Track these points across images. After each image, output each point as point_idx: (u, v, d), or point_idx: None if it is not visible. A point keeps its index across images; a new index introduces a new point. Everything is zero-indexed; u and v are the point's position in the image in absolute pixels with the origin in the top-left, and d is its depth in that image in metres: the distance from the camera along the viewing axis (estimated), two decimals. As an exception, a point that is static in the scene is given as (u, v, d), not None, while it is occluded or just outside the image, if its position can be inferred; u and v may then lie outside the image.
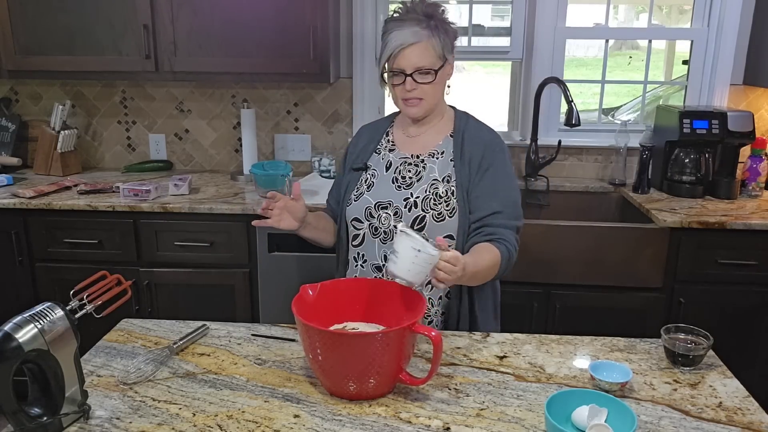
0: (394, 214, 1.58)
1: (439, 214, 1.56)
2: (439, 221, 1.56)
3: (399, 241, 1.25)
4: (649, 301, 2.37)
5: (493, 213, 1.55)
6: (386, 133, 1.73)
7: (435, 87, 1.58)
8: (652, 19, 3.06)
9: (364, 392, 1.19)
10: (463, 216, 1.56)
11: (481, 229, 1.56)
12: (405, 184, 1.61)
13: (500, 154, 1.62)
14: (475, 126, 1.67)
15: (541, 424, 1.13)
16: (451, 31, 1.60)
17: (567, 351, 1.40)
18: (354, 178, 1.69)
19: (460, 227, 1.56)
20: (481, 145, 1.61)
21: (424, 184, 1.59)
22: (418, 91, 1.57)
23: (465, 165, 1.59)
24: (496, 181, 1.59)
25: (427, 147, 1.65)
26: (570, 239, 2.33)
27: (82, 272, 1.59)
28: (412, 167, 1.63)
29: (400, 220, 1.58)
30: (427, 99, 1.59)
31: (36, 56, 2.65)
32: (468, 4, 2.91)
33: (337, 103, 2.97)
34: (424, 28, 1.53)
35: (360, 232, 1.64)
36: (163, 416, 1.15)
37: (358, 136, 1.80)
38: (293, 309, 1.21)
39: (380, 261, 1.62)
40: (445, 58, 1.58)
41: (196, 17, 2.56)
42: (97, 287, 1.19)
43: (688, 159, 2.62)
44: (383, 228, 1.60)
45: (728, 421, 1.15)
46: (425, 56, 1.54)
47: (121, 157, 3.11)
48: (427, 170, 1.61)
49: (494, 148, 1.61)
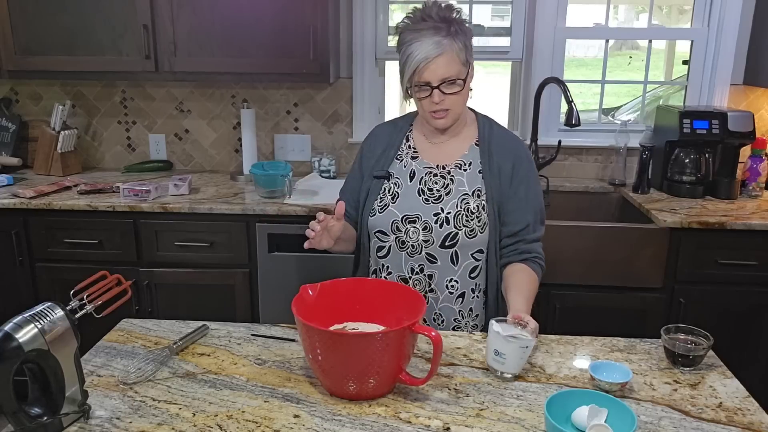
0: (423, 229, 1.56)
1: (471, 230, 1.53)
2: (471, 237, 1.54)
3: (504, 344, 1.24)
4: (649, 301, 2.37)
5: (526, 226, 1.56)
6: (407, 138, 1.67)
7: (463, 96, 1.54)
8: (652, 19, 3.06)
9: (364, 392, 1.19)
10: (493, 230, 1.55)
11: (516, 246, 1.57)
12: (433, 198, 1.57)
13: (528, 163, 1.61)
14: (500, 134, 1.62)
15: (541, 425, 1.13)
16: (469, 32, 1.53)
17: (567, 351, 1.40)
18: (375, 187, 1.63)
19: (491, 241, 1.56)
20: (510, 156, 1.58)
21: (454, 198, 1.55)
22: (445, 102, 1.52)
23: (495, 177, 1.56)
24: (528, 192, 1.58)
25: (452, 156, 1.60)
26: (570, 239, 2.33)
27: (82, 272, 1.58)
28: (439, 179, 1.58)
29: (431, 235, 1.54)
30: (455, 109, 1.54)
31: (36, 56, 2.65)
32: (468, 4, 2.91)
33: (337, 103, 2.97)
34: (445, 37, 1.46)
35: (385, 245, 1.61)
36: (163, 416, 1.15)
37: (374, 137, 1.72)
38: (293, 309, 1.21)
39: (406, 273, 1.60)
40: (469, 63, 1.52)
41: (196, 17, 2.56)
42: (97, 287, 1.19)
43: (688, 159, 2.61)
44: (411, 242, 1.57)
45: (728, 422, 1.15)
46: (451, 66, 1.48)
47: (121, 157, 3.11)
48: (455, 183, 1.57)
49: (522, 158, 1.59)
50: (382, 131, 1.72)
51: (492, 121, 1.66)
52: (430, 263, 1.58)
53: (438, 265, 1.58)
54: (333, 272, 2.49)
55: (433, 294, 1.60)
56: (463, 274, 1.58)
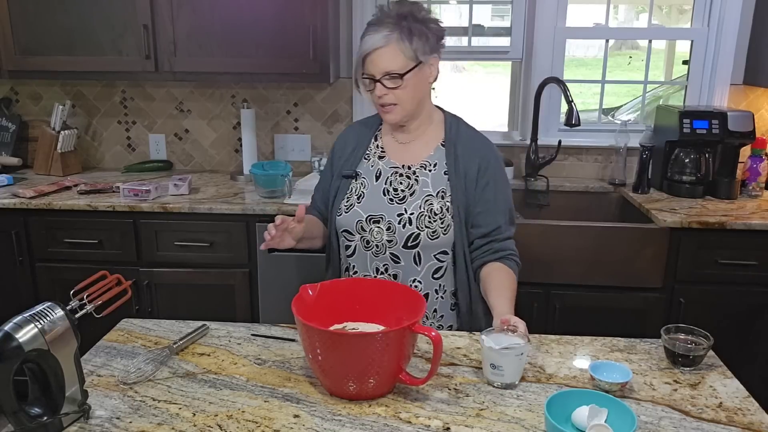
0: (387, 229, 1.56)
1: (434, 232, 1.54)
2: (433, 239, 1.54)
3: (500, 357, 1.23)
4: (649, 301, 2.37)
5: (497, 227, 1.56)
6: (375, 137, 1.68)
7: (408, 91, 1.52)
8: (652, 19, 3.06)
9: (363, 392, 1.19)
10: (458, 231, 1.55)
11: (489, 245, 1.56)
12: (398, 198, 1.58)
13: (496, 163, 1.60)
14: (467, 135, 1.62)
15: (541, 424, 1.13)
16: (433, 31, 1.52)
17: (567, 351, 1.40)
18: (344, 186, 1.65)
19: (457, 243, 1.56)
20: (476, 158, 1.57)
21: (418, 199, 1.56)
22: (390, 96, 1.52)
23: (460, 179, 1.56)
24: (497, 193, 1.57)
25: (418, 157, 1.61)
26: (570, 239, 2.33)
27: (82, 272, 1.58)
28: (404, 179, 1.59)
29: (394, 235, 1.54)
30: (402, 104, 1.54)
31: (36, 56, 2.65)
32: (468, 4, 2.91)
33: (336, 103, 2.97)
34: (394, 31, 1.48)
35: (351, 244, 1.62)
36: (163, 416, 1.15)
37: (345, 137, 1.74)
38: (293, 309, 1.21)
39: (372, 273, 1.61)
40: (419, 60, 1.51)
41: (196, 17, 2.56)
42: (97, 287, 1.19)
43: (688, 159, 2.61)
44: (375, 242, 1.58)
45: (728, 422, 1.15)
46: (394, 60, 1.49)
47: (121, 157, 3.11)
48: (420, 183, 1.58)
49: (490, 159, 1.58)
50: (352, 130, 1.74)
51: (460, 122, 1.66)
52: (394, 263, 1.59)
53: (402, 265, 1.58)
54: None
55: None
56: (426, 275, 1.59)
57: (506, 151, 2.96)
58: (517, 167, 2.92)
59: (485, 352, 1.25)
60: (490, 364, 1.24)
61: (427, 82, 1.56)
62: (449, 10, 6.54)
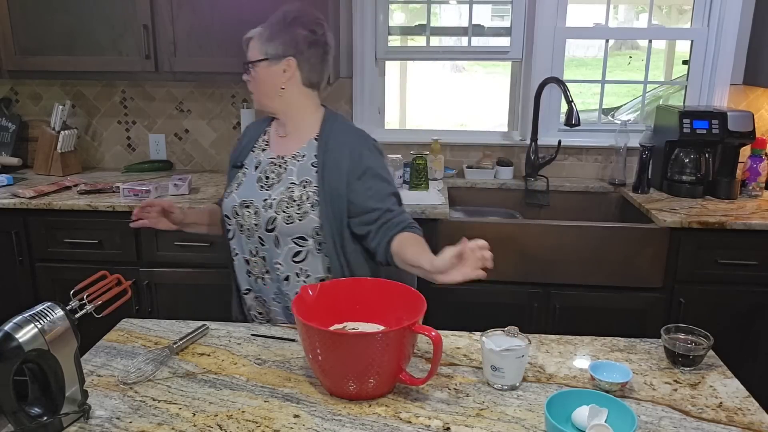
0: (255, 214, 1.64)
1: (289, 217, 1.60)
2: (288, 224, 1.60)
3: (500, 359, 1.23)
4: (649, 301, 2.37)
5: (387, 210, 1.60)
6: (264, 132, 1.77)
7: (258, 84, 1.65)
8: (652, 19, 3.06)
9: (364, 392, 1.19)
10: (325, 219, 1.59)
11: (385, 225, 1.60)
12: (267, 185, 1.66)
13: (369, 153, 1.64)
14: (341, 130, 1.68)
15: (541, 424, 1.13)
16: (301, 34, 1.61)
17: (567, 351, 1.40)
18: (232, 175, 1.76)
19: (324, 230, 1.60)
20: (346, 151, 1.62)
21: (282, 186, 1.64)
22: (250, 84, 1.66)
23: (330, 170, 1.61)
24: (376, 182, 1.62)
25: (292, 149, 1.68)
26: (570, 239, 2.34)
27: (82, 272, 1.58)
28: (276, 168, 1.67)
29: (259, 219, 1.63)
30: (255, 93, 1.67)
31: (36, 56, 2.65)
32: (468, 4, 2.91)
33: (337, 103, 2.96)
34: (266, 28, 1.63)
35: (230, 228, 1.71)
36: (163, 416, 1.15)
37: (246, 130, 1.85)
38: (293, 309, 1.21)
39: (248, 255, 1.69)
40: (266, 57, 1.61)
41: (196, 17, 2.56)
42: (97, 287, 1.19)
43: (688, 159, 2.62)
44: (246, 226, 1.66)
45: (728, 422, 1.15)
46: (253, 51, 1.64)
47: (121, 157, 3.11)
48: (287, 172, 1.65)
49: (361, 152, 1.63)
50: (252, 125, 1.85)
51: (338, 118, 1.72)
52: (261, 246, 1.66)
53: (266, 248, 1.65)
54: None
55: (269, 275, 1.67)
56: (286, 258, 1.64)
57: (506, 151, 2.96)
58: (517, 167, 2.92)
59: (485, 353, 1.25)
60: (491, 366, 1.24)
61: (278, 80, 1.63)
62: (449, 10, 6.54)
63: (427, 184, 2.68)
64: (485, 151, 2.95)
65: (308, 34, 1.62)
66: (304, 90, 1.66)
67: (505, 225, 2.38)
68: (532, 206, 2.82)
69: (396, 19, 3.39)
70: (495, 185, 2.86)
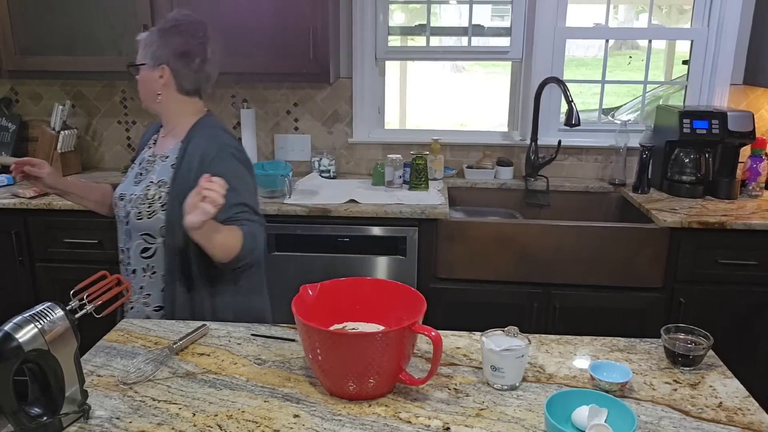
0: (123, 207, 1.69)
1: (139, 213, 1.64)
2: (138, 220, 1.64)
3: (500, 359, 1.23)
4: (649, 301, 2.37)
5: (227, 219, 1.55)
6: (158, 131, 1.81)
7: (140, 85, 1.69)
8: (652, 19, 3.06)
9: (363, 392, 1.19)
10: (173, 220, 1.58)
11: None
12: (137, 182, 1.71)
13: (221, 157, 1.62)
14: (204, 135, 1.67)
15: (541, 424, 1.13)
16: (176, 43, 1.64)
17: (567, 351, 1.40)
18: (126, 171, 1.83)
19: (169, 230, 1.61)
20: (198, 155, 1.63)
21: (144, 183, 1.68)
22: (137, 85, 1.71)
23: (184, 173, 1.62)
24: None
25: (165, 149, 1.71)
26: (570, 239, 2.34)
27: (82, 272, 1.58)
28: (148, 166, 1.72)
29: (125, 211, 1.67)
30: (139, 94, 1.71)
31: (36, 56, 2.65)
32: (468, 4, 2.91)
33: (336, 103, 2.97)
34: (150, 32, 1.67)
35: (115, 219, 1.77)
36: (163, 416, 1.15)
37: (148, 127, 1.90)
38: (293, 309, 1.21)
39: (123, 245, 1.72)
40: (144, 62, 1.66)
41: (196, 17, 2.55)
42: (97, 287, 1.19)
43: (688, 159, 2.62)
44: (119, 217, 1.72)
45: (728, 422, 1.15)
46: (139, 54, 1.68)
47: (121, 157, 3.11)
48: (152, 171, 1.69)
49: (212, 156, 1.62)
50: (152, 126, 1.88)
51: (208, 123, 1.71)
52: (126, 238, 1.71)
53: (125, 240, 1.71)
54: (333, 272, 2.50)
55: (125, 267, 1.72)
56: (135, 252, 1.68)
57: (506, 151, 2.96)
58: (517, 167, 2.92)
59: (485, 354, 1.25)
60: (491, 366, 1.24)
61: (155, 86, 1.67)
62: (449, 10, 6.53)
63: (427, 184, 2.68)
64: (485, 151, 2.95)
65: (183, 42, 1.64)
66: (179, 97, 1.69)
67: (505, 225, 2.38)
68: (532, 206, 2.82)
69: (396, 19, 3.38)
70: (495, 185, 2.86)
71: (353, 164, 3.04)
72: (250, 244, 1.56)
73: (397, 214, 2.40)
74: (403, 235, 2.42)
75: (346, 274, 2.09)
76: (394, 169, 2.70)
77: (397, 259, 2.45)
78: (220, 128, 1.73)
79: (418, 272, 2.45)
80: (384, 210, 2.41)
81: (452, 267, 2.40)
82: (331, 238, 2.44)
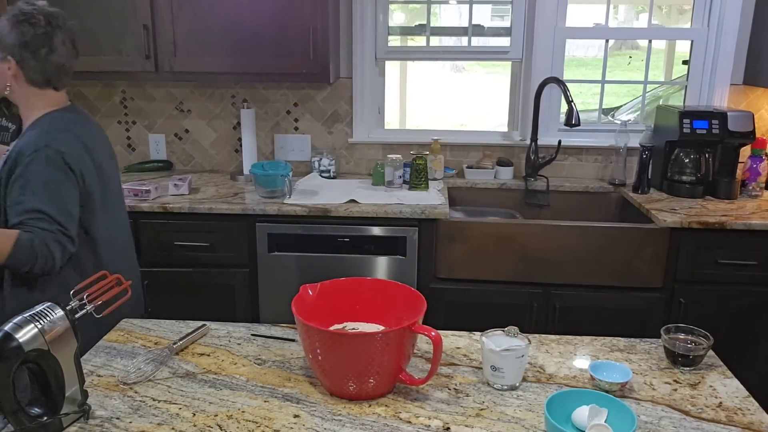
0: None
1: None
2: None
3: (500, 359, 1.23)
4: (649, 301, 2.37)
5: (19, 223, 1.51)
6: None
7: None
8: (652, 19, 3.06)
9: (363, 392, 1.19)
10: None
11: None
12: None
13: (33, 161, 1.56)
14: (38, 131, 1.62)
15: (541, 424, 1.13)
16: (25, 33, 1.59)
17: (567, 351, 1.40)
18: None
19: None
20: (15, 151, 1.59)
21: None
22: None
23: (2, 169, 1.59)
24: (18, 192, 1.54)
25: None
26: (570, 239, 2.34)
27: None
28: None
29: None
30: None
31: (36, 56, 2.64)
32: (468, 4, 2.91)
33: (336, 103, 2.97)
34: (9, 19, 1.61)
35: None
36: (163, 416, 1.15)
37: None
38: (293, 309, 1.21)
39: None
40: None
41: (196, 17, 2.56)
42: (97, 287, 1.19)
43: (688, 159, 2.62)
44: None
45: (728, 422, 1.15)
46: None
47: (121, 157, 3.11)
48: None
49: (18, 160, 1.57)
50: None
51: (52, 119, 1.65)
52: None
53: None
54: (333, 272, 2.50)
55: None
56: None
57: (506, 151, 2.96)
58: (517, 167, 2.92)
59: (485, 354, 1.25)
60: (491, 366, 1.24)
61: (4, 77, 1.63)
62: (449, 10, 6.54)
63: (427, 184, 2.68)
64: (485, 151, 2.95)
65: (26, 33, 1.59)
66: (30, 89, 1.64)
67: (505, 225, 2.38)
68: (532, 206, 2.82)
69: (396, 19, 3.39)
70: (495, 185, 2.86)
71: (353, 164, 3.04)
72: (27, 251, 1.47)
73: (397, 214, 2.41)
74: (403, 235, 2.43)
75: (346, 274, 2.09)
76: (394, 169, 2.70)
77: (397, 259, 2.45)
78: (60, 127, 1.64)
79: (418, 272, 2.45)
80: (384, 210, 2.41)
81: (452, 267, 2.40)
82: (331, 238, 2.44)
